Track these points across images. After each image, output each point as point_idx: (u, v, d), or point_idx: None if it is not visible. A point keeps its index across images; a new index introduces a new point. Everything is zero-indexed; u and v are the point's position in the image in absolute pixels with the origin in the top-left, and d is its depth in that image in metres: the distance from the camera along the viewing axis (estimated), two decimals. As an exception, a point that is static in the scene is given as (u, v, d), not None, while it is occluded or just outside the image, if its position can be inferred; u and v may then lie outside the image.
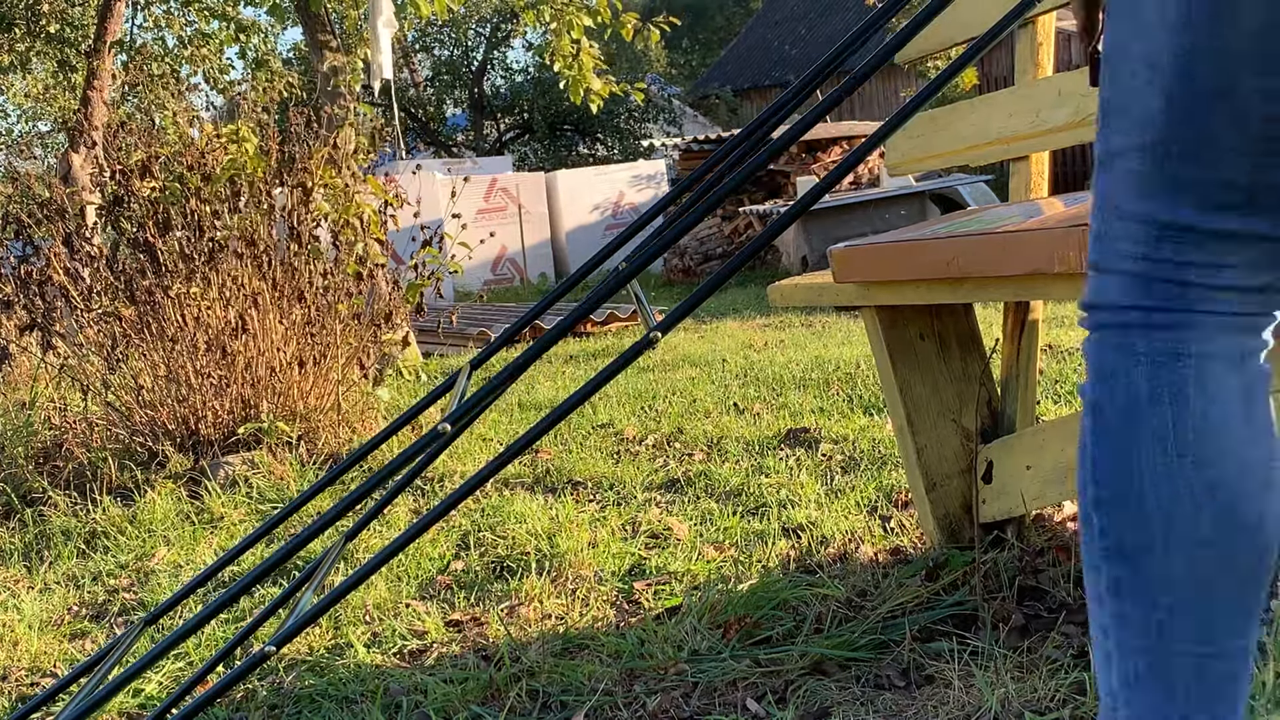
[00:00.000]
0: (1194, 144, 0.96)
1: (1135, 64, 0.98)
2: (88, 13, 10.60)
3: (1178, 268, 0.98)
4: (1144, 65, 0.97)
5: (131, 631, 1.79)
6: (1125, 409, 0.99)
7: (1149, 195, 0.99)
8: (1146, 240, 0.99)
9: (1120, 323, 1.01)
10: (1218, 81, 0.94)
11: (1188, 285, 0.98)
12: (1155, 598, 0.99)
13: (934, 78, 1.55)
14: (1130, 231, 1.00)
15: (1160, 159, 0.97)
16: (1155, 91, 0.96)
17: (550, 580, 2.33)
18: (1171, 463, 0.98)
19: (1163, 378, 0.98)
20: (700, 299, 1.49)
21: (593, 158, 18.12)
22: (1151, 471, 0.98)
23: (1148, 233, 0.99)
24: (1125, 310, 1.00)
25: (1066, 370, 3.71)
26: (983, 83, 11.67)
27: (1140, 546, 0.99)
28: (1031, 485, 1.88)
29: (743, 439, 3.35)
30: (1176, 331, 0.99)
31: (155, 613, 1.80)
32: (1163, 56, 0.96)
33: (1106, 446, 1.00)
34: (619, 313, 6.69)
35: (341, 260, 4.10)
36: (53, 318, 4.09)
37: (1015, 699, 1.45)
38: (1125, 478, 0.99)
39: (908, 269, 1.77)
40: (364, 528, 1.61)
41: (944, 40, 2.32)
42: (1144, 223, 0.99)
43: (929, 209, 8.69)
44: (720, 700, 1.67)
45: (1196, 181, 0.97)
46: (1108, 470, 1.00)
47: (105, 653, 1.77)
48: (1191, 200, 0.97)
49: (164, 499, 3.30)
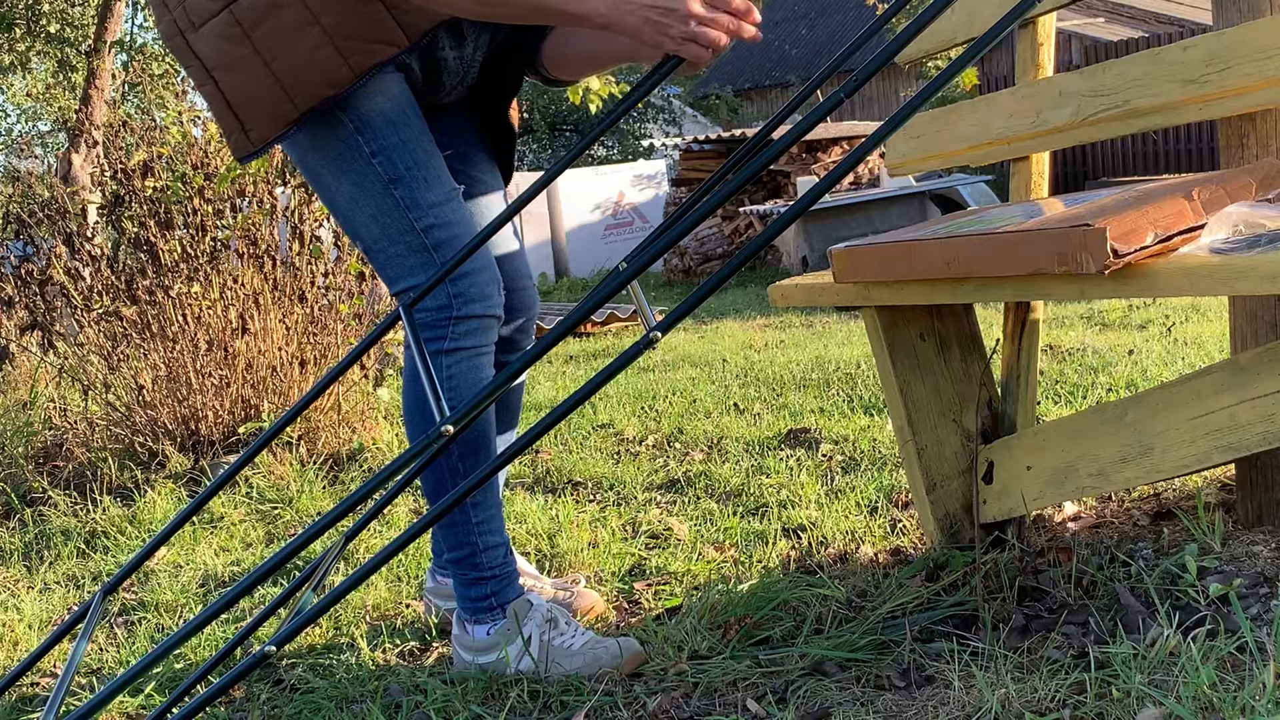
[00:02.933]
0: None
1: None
2: (88, 13, 10.60)
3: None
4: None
5: (91, 601, 1.79)
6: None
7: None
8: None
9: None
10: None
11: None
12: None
13: (934, 78, 1.55)
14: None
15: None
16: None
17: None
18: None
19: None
20: (700, 299, 1.48)
21: (592, 158, 18.10)
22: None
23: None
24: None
25: (1067, 370, 3.71)
26: (983, 83, 11.67)
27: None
28: (1032, 486, 1.88)
29: (743, 439, 3.35)
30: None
31: (114, 580, 1.82)
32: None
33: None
34: (619, 313, 6.69)
35: (343, 260, 4.10)
36: (53, 317, 4.09)
37: (1015, 699, 1.45)
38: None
39: (908, 269, 1.77)
40: (364, 528, 1.61)
41: (944, 40, 2.32)
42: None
43: (929, 209, 8.69)
44: (720, 700, 1.67)
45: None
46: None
47: (74, 622, 1.78)
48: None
49: (164, 499, 3.30)
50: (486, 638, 1.91)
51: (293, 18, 1.75)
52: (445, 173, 1.89)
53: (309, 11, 1.75)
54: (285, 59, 1.76)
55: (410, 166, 1.84)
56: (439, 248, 1.84)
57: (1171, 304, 4.88)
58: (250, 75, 1.79)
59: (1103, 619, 1.66)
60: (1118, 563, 1.82)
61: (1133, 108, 1.92)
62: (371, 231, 1.87)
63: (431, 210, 1.84)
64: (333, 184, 1.89)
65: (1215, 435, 1.60)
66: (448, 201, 1.86)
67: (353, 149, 1.84)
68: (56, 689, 1.63)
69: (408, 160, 1.84)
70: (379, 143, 1.83)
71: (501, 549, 1.93)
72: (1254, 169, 1.71)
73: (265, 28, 1.77)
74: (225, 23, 1.79)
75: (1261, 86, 1.74)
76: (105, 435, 3.78)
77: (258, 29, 1.77)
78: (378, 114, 1.82)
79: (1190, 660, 1.38)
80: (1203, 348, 3.82)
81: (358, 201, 1.87)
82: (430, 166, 1.86)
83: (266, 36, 1.77)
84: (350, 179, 1.86)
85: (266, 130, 1.81)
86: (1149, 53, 1.93)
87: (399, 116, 1.84)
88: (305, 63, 1.76)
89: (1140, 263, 1.47)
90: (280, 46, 1.76)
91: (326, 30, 1.75)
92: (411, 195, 1.83)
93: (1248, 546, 1.77)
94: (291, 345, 3.84)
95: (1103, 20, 14.36)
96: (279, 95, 1.78)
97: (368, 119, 1.82)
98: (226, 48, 1.80)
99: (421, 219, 1.84)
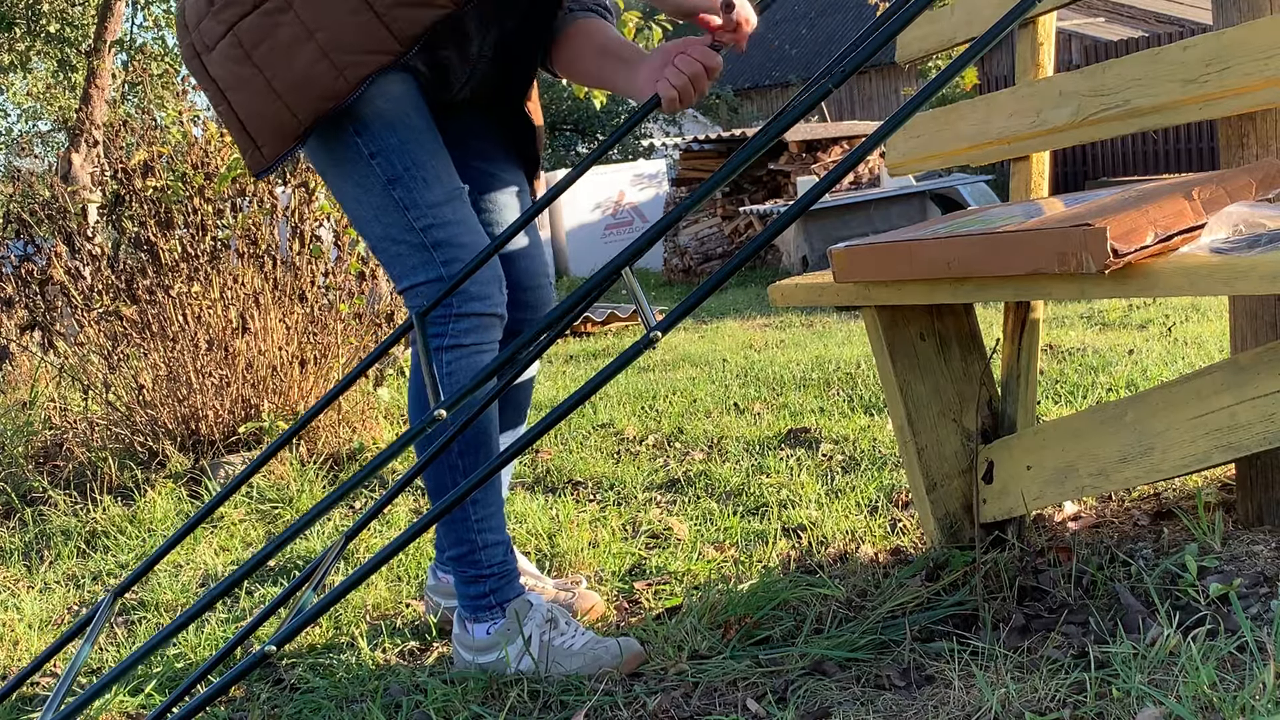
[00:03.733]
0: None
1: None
2: (88, 12, 10.60)
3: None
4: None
5: (102, 603, 1.80)
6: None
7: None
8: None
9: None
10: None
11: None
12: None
13: (934, 77, 1.55)
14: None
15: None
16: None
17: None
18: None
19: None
20: (700, 298, 1.49)
21: (593, 157, 18.05)
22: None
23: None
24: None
25: (1067, 370, 3.71)
26: (983, 82, 11.67)
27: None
28: (1032, 485, 1.88)
29: (743, 439, 3.35)
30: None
31: (123, 585, 1.82)
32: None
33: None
34: (619, 312, 6.69)
35: (343, 260, 4.10)
36: (53, 317, 4.09)
37: (1015, 699, 1.45)
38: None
39: (908, 269, 1.77)
40: (364, 527, 1.61)
41: (945, 40, 2.32)
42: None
43: (929, 209, 8.69)
44: (720, 700, 1.67)
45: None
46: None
47: (80, 626, 1.78)
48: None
49: (164, 499, 3.30)
50: (487, 637, 1.91)
51: (289, 34, 1.80)
52: (448, 173, 1.91)
53: (304, 27, 1.79)
54: (284, 76, 1.81)
55: (409, 167, 1.87)
56: (438, 247, 1.86)
57: (1171, 304, 4.88)
58: (255, 94, 1.83)
59: (1103, 619, 1.66)
60: (1118, 562, 1.82)
61: (1133, 107, 1.92)
62: (375, 230, 1.91)
63: (430, 210, 1.86)
64: (339, 183, 1.94)
65: (1215, 435, 1.60)
66: (448, 202, 1.88)
67: (353, 150, 1.87)
68: (57, 689, 1.63)
69: (406, 161, 1.87)
70: (377, 144, 1.86)
71: (501, 548, 1.93)
72: (1254, 169, 1.71)
73: (264, 47, 1.81)
74: (230, 44, 1.84)
75: (1261, 86, 1.74)
76: (105, 435, 3.78)
77: (257, 49, 1.82)
78: (375, 116, 1.86)
79: (1190, 660, 1.38)
80: (1203, 347, 3.82)
81: (361, 201, 1.90)
82: (430, 167, 1.88)
83: (265, 55, 1.81)
84: (353, 179, 1.90)
85: (277, 146, 1.85)
86: (1149, 53, 1.93)
87: (398, 118, 1.87)
88: (303, 78, 1.80)
89: (1140, 262, 1.47)
90: (279, 64, 1.81)
91: (321, 45, 1.79)
92: (410, 196, 1.86)
93: (1248, 546, 1.77)
94: (292, 345, 3.84)
95: (1103, 20, 14.37)
96: (283, 111, 1.82)
97: (366, 121, 1.86)
98: (234, 68, 1.84)
99: (420, 219, 1.86)
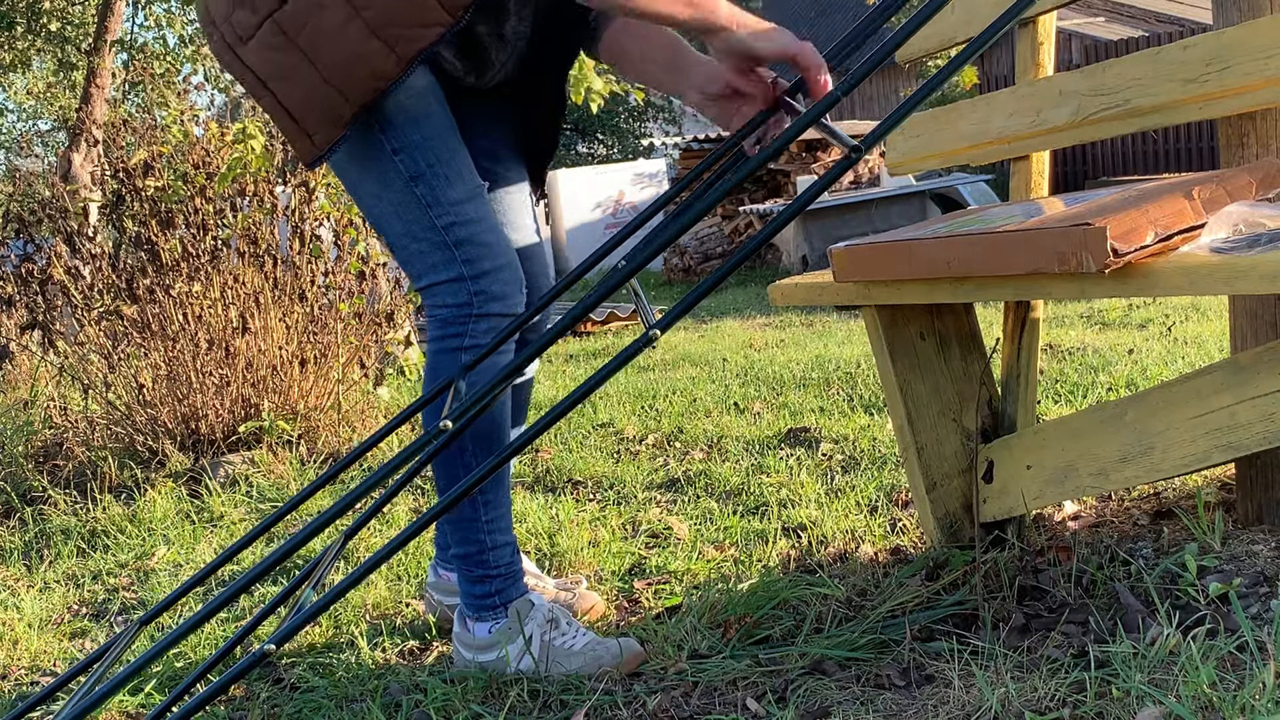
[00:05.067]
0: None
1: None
2: (88, 11, 10.60)
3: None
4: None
5: (129, 630, 1.79)
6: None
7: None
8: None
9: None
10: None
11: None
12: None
13: (932, 75, 1.55)
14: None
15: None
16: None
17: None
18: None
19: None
20: (699, 297, 1.48)
21: (592, 157, 18.11)
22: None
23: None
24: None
25: (1067, 370, 3.71)
26: (983, 82, 11.67)
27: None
28: (1032, 485, 1.88)
29: (743, 438, 3.35)
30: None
31: (152, 612, 1.80)
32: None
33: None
34: (619, 312, 6.69)
35: (343, 259, 4.10)
36: (54, 316, 4.09)
37: (1015, 699, 1.45)
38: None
39: (908, 268, 1.77)
40: (363, 526, 1.61)
41: (944, 39, 2.32)
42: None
43: (929, 208, 8.69)
44: (720, 700, 1.67)
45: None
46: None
47: (103, 651, 1.77)
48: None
49: (164, 498, 3.30)
50: (487, 636, 1.91)
51: (334, 16, 1.74)
52: (469, 170, 1.88)
53: (349, 6, 1.74)
54: (332, 58, 1.75)
55: (432, 164, 1.83)
56: (460, 245, 1.84)
57: (1171, 303, 4.88)
58: (302, 80, 1.77)
59: (1103, 618, 1.66)
60: (1118, 562, 1.82)
61: (1133, 107, 1.92)
62: (395, 227, 1.88)
63: (453, 208, 1.84)
64: (358, 180, 1.90)
65: (1215, 434, 1.60)
66: (470, 199, 1.86)
67: (375, 146, 1.83)
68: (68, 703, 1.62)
69: (430, 158, 1.83)
70: (401, 140, 1.83)
71: (509, 548, 1.93)
72: (1254, 168, 1.71)
73: (308, 31, 1.76)
74: (270, 32, 1.78)
75: (1261, 86, 1.74)
76: (105, 434, 3.78)
77: (301, 33, 1.76)
78: (400, 111, 1.82)
79: (1190, 659, 1.38)
80: (1203, 347, 3.82)
81: (381, 198, 1.87)
82: (453, 164, 1.85)
83: (310, 39, 1.76)
84: (374, 175, 1.86)
85: (329, 132, 1.79)
86: (1149, 52, 1.92)
87: (421, 113, 1.84)
88: (353, 58, 1.74)
89: (1140, 262, 1.47)
90: (325, 47, 1.75)
91: (368, 23, 1.73)
92: (433, 193, 1.83)
93: (1248, 546, 1.77)
94: (292, 344, 3.84)
95: (1103, 20, 14.37)
96: (333, 95, 1.77)
97: (389, 116, 1.82)
98: (275, 57, 1.78)
99: (442, 216, 1.84)
